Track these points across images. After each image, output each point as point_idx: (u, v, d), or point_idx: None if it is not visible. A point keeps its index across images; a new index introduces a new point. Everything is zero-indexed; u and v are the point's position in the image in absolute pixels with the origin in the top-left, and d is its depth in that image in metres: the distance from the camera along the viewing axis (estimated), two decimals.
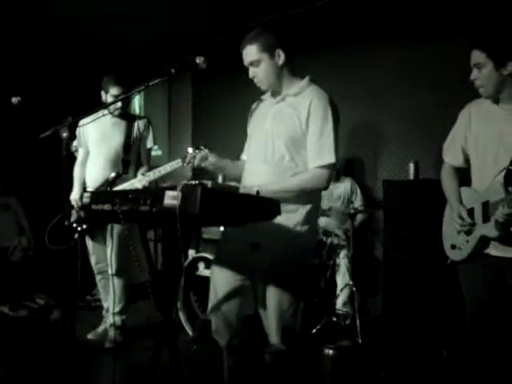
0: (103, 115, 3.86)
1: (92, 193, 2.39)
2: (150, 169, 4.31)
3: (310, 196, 2.47)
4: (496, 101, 2.53)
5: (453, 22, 4.36)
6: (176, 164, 3.75)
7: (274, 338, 2.40)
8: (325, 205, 4.59)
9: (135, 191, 2.16)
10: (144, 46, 6.68)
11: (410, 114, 4.65)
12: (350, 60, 5.01)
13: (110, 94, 4.03)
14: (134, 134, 4.20)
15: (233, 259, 2.47)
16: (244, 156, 2.81)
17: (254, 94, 2.80)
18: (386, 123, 4.83)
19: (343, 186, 4.82)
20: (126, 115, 4.24)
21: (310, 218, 2.47)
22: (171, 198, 1.88)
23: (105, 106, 3.90)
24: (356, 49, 5.02)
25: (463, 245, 2.60)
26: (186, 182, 1.91)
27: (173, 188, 1.91)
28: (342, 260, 4.53)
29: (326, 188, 2.51)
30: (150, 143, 4.30)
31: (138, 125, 4.22)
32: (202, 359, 1.81)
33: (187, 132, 7.03)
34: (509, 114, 2.50)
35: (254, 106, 2.76)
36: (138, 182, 3.90)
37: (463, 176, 2.77)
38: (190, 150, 3.79)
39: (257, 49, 2.45)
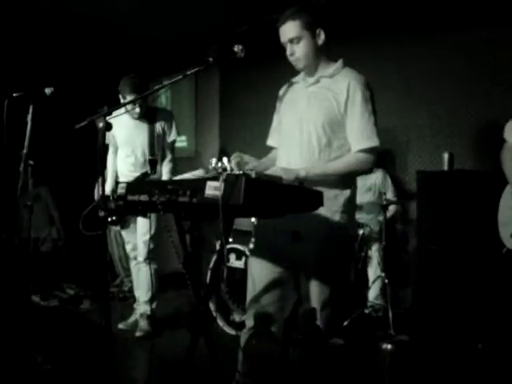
0: (123, 113, 3.83)
1: (128, 183, 2.39)
2: (174, 160, 4.35)
3: (348, 182, 2.42)
4: None
5: (484, 10, 4.25)
6: (198, 173, 3.76)
7: None
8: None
9: (174, 182, 2.14)
10: (171, 37, 6.67)
11: (441, 104, 4.56)
12: (383, 50, 4.92)
13: (127, 101, 4.01)
14: (157, 132, 4.25)
15: (272, 249, 2.43)
16: (270, 141, 2.75)
17: (280, 85, 2.75)
18: (418, 114, 4.74)
19: (375, 177, 4.74)
20: (148, 113, 4.24)
21: (350, 206, 2.43)
22: (213, 189, 1.85)
23: (123, 105, 3.90)
24: (390, 39, 4.93)
25: None
26: (228, 172, 1.88)
27: (214, 178, 1.89)
28: (374, 252, 4.49)
29: (370, 171, 2.47)
30: (172, 136, 4.34)
31: (160, 121, 4.27)
32: (260, 353, 1.78)
33: (214, 124, 7.00)
34: None
35: (283, 89, 2.69)
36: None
37: None
38: (213, 161, 3.81)
39: (299, 25, 2.37)
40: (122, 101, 4.10)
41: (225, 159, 3.67)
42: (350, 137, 2.37)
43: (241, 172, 1.81)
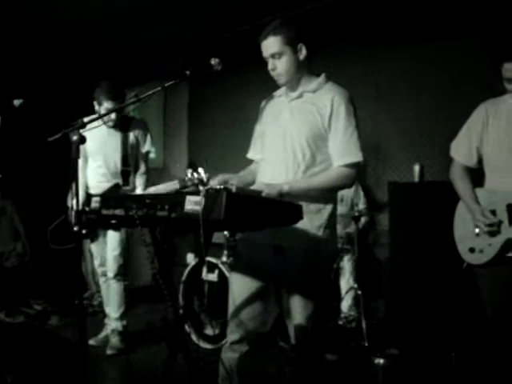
0: (98, 125, 3.78)
1: (102, 197, 2.34)
2: (148, 172, 4.28)
3: (331, 197, 2.43)
4: None
5: (460, 24, 4.35)
6: (173, 185, 3.71)
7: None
8: None
9: (151, 196, 2.11)
10: (142, 48, 6.63)
11: (412, 116, 4.64)
12: (353, 61, 4.98)
13: (103, 107, 3.93)
14: (131, 142, 4.14)
15: (253, 264, 2.41)
16: (252, 154, 2.72)
17: (251, 97, 2.74)
18: (389, 125, 4.81)
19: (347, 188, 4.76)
20: (122, 122, 4.13)
21: (332, 220, 2.43)
22: (193, 204, 1.82)
23: (99, 117, 3.83)
24: (360, 50, 4.99)
25: (485, 248, 2.55)
26: (208, 187, 1.86)
27: (193, 193, 1.87)
28: (347, 263, 4.51)
29: (350, 186, 2.48)
30: (147, 147, 4.25)
31: (134, 131, 4.17)
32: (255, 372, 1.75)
33: (183, 135, 6.97)
34: None
35: (264, 102, 2.67)
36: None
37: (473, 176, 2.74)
38: (189, 173, 3.78)
39: (281, 41, 2.36)
40: (96, 107, 3.99)
41: (200, 170, 3.67)
42: (333, 151, 2.38)
43: (221, 187, 1.79)
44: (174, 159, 7.03)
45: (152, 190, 3.79)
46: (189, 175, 3.66)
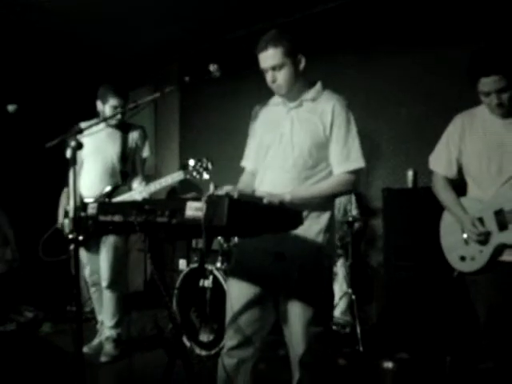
0: (98, 130, 3.76)
1: (100, 203, 2.33)
2: (145, 178, 4.26)
3: (330, 203, 2.44)
4: (492, 110, 2.54)
5: (450, 32, 4.40)
6: (178, 176, 3.72)
7: (298, 348, 2.36)
8: None
9: (150, 202, 2.11)
10: (135, 53, 6.63)
11: (404, 122, 4.68)
12: (346, 68, 5.02)
13: (108, 105, 3.96)
14: (130, 145, 4.14)
15: (252, 269, 2.41)
16: (246, 163, 2.71)
17: (242, 102, 2.74)
18: (381, 131, 4.84)
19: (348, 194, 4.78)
20: (122, 125, 4.14)
21: (331, 226, 2.44)
22: (194, 210, 1.82)
23: (105, 118, 3.84)
24: (351, 56, 5.04)
25: (476, 255, 2.58)
26: (209, 192, 1.86)
27: (194, 199, 1.87)
28: (340, 268, 4.51)
29: (351, 192, 2.49)
30: (145, 153, 4.25)
31: (133, 135, 4.18)
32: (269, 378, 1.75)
33: (174, 140, 6.97)
34: (507, 121, 2.52)
35: (257, 110, 2.68)
36: (138, 193, 3.82)
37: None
38: (192, 161, 3.77)
39: (281, 52, 2.34)
40: (100, 107, 4.02)
41: (204, 159, 3.68)
42: (334, 159, 2.39)
43: (223, 193, 1.80)
44: (165, 165, 7.01)
45: (157, 184, 3.84)
46: (192, 163, 3.70)
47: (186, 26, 5.77)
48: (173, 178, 3.72)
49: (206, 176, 3.67)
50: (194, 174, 3.69)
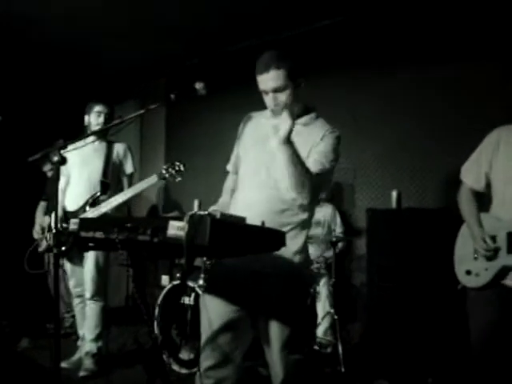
0: (85, 144, 3.87)
1: (81, 219, 2.30)
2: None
3: (307, 223, 2.43)
4: None
5: (437, 49, 4.43)
6: (152, 180, 3.90)
7: (277, 369, 2.34)
8: None
9: (132, 219, 2.09)
10: (121, 68, 6.64)
11: (390, 141, 4.69)
12: (331, 85, 5.03)
13: (93, 112, 4.07)
14: (113, 159, 4.19)
15: (229, 288, 2.38)
16: (230, 166, 2.70)
17: (229, 116, 2.71)
18: (367, 150, 4.86)
19: (324, 211, 4.79)
20: (108, 141, 4.23)
21: (305, 246, 2.43)
22: (176, 229, 1.81)
23: (92, 132, 3.89)
24: (336, 76, 5.06)
25: (481, 272, 2.58)
26: (192, 212, 1.85)
27: (176, 218, 1.86)
28: (323, 288, 4.51)
29: (305, 197, 2.46)
30: (129, 169, 4.29)
31: (118, 150, 4.23)
32: None
33: (160, 156, 6.95)
34: None
35: (246, 119, 2.61)
36: (118, 198, 3.91)
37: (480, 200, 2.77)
38: (165, 165, 3.93)
39: (284, 75, 2.28)
40: (86, 119, 4.15)
41: (177, 163, 3.82)
42: (313, 156, 2.35)
43: (205, 212, 1.79)
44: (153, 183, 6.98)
45: (131, 190, 3.94)
46: (165, 167, 3.86)
47: (174, 40, 5.79)
48: (147, 182, 3.90)
49: (178, 178, 3.89)
50: (167, 176, 3.88)
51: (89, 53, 6.14)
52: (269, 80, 2.30)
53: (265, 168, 2.40)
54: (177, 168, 3.90)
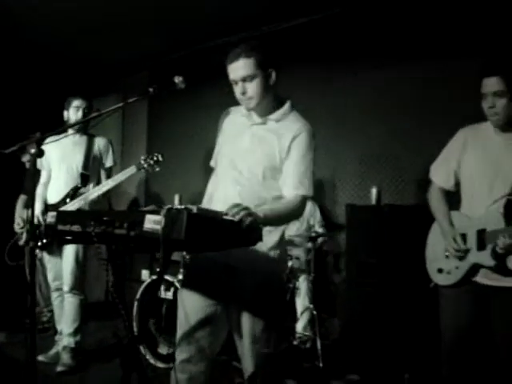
0: (65, 136, 3.91)
1: (58, 212, 2.29)
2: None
3: None
4: (499, 127, 2.55)
5: (426, 46, 4.41)
6: (131, 170, 3.96)
7: (248, 363, 2.35)
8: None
9: (109, 213, 2.07)
10: (103, 61, 6.58)
11: (370, 138, 4.71)
12: (309, 84, 5.02)
13: (71, 107, 4.08)
14: (94, 152, 4.19)
15: (206, 282, 2.39)
16: (213, 162, 2.66)
17: (210, 111, 2.70)
18: (346, 146, 4.88)
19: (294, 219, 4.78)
20: (88, 134, 4.24)
21: (282, 242, 2.44)
22: (152, 223, 1.81)
23: (70, 125, 3.88)
24: (316, 73, 5.06)
25: (452, 270, 2.62)
26: (169, 206, 1.84)
27: (153, 212, 1.85)
28: (302, 283, 4.52)
29: (297, 218, 2.51)
30: (109, 162, 4.29)
31: (98, 144, 4.24)
32: None
33: (141, 152, 6.88)
34: (508, 142, 2.54)
35: (224, 114, 2.60)
36: (97, 190, 3.98)
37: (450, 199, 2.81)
38: (143, 156, 4.02)
39: (253, 63, 2.28)
40: (65, 114, 4.15)
41: (155, 153, 3.88)
42: (287, 180, 2.37)
43: (182, 206, 1.78)
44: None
45: (110, 181, 3.99)
46: (143, 157, 3.90)
47: (156, 35, 5.76)
48: (126, 173, 3.96)
49: (157, 169, 3.97)
50: (146, 166, 3.96)
51: (69, 46, 6.07)
52: (238, 69, 2.31)
53: (239, 163, 2.41)
54: (155, 158, 3.96)
